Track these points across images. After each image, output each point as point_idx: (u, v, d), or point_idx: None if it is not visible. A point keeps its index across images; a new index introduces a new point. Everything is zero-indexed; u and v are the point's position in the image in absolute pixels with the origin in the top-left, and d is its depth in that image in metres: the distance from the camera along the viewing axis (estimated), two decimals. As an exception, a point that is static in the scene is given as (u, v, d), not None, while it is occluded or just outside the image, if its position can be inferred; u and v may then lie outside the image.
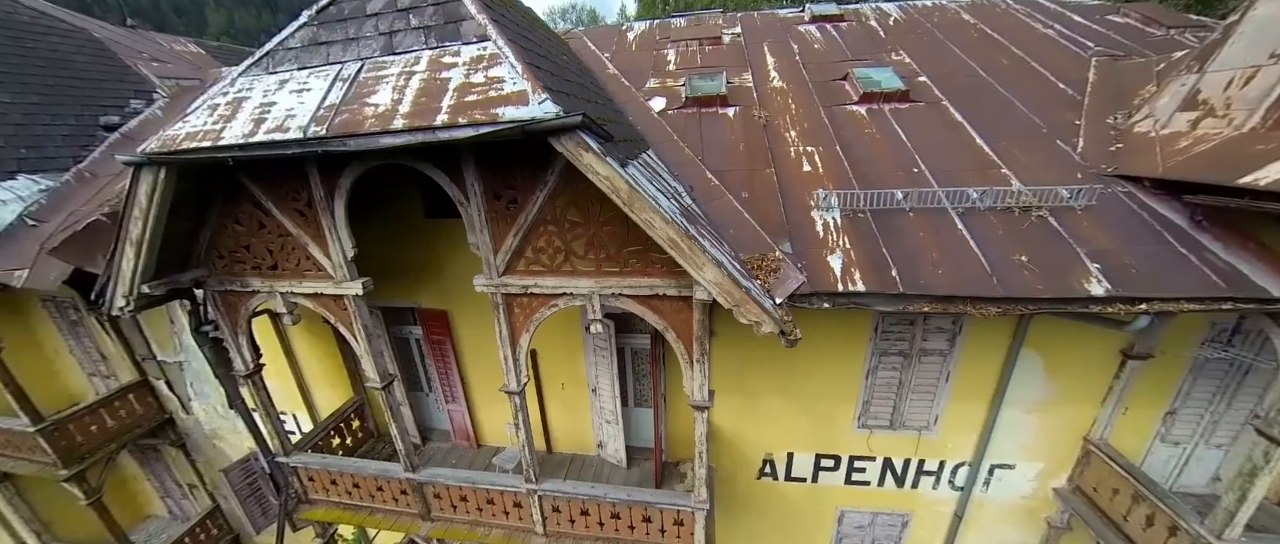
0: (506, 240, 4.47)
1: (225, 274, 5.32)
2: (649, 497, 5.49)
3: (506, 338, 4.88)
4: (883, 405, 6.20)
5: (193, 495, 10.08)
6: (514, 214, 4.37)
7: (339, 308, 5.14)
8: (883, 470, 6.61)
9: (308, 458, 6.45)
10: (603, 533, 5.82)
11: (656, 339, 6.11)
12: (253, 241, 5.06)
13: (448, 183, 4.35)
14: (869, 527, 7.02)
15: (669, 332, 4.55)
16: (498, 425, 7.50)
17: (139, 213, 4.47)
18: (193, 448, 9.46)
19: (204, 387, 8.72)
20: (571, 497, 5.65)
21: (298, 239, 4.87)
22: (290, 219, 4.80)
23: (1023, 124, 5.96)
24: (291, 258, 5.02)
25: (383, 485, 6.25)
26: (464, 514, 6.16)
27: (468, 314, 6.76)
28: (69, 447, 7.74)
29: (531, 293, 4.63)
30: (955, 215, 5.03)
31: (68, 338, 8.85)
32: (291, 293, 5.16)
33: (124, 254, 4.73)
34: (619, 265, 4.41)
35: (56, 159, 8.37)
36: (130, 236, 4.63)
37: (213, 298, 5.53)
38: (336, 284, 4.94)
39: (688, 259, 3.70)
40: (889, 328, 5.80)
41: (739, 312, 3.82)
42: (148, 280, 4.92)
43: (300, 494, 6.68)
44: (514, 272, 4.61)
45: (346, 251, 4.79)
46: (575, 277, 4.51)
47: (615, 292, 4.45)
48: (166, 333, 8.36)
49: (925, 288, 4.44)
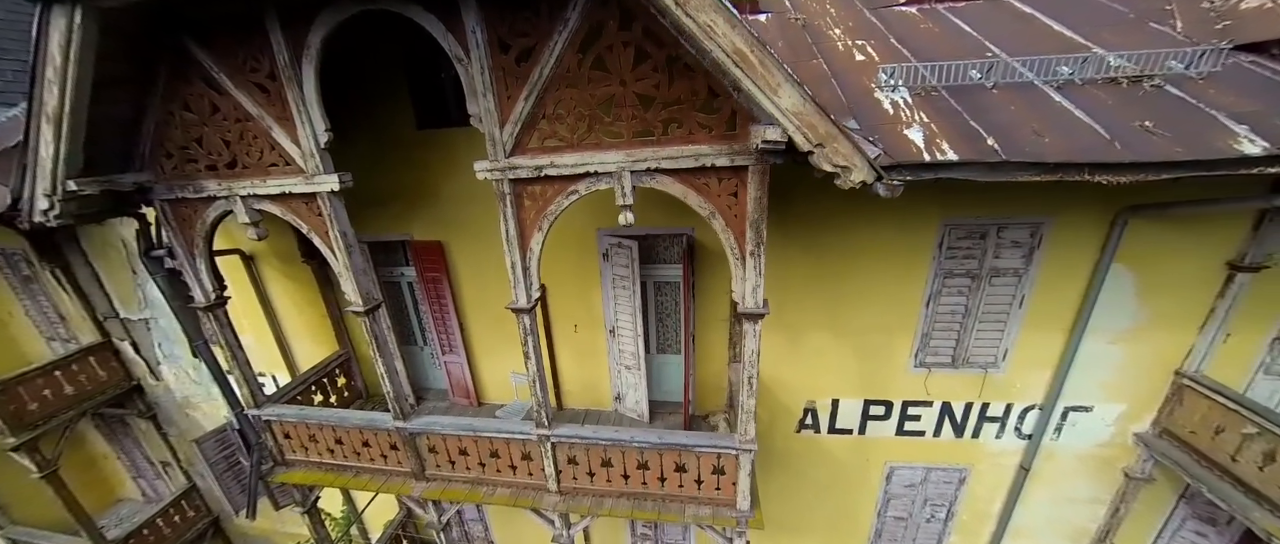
0: (516, 107, 3.50)
1: (175, 178, 4.30)
2: (686, 439, 4.51)
3: (515, 238, 3.89)
4: (944, 338, 5.25)
5: (167, 474, 8.95)
6: (525, 71, 3.40)
7: (311, 211, 4.14)
8: (940, 417, 5.65)
9: (282, 409, 5.41)
10: (627, 487, 4.83)
11: (687, 264, 5.13)
12: (205, 132, 4.06)
13: (442, 32, 3.39)
14: (920, 484, 6.06)
15: (716, 218, 3.60)
16: (502, 380, 6.47)
17: (53, 74, 3.46)
18: (164, 419, 8.35)
19: (174, 347, 7.64)
20: (592, 443, 4.66)
21: (259, 123, 3.88)
22: (249, 96, 3.80)
23: (1102, 11, 5.07)
24: (253, 149, 4.02)
25: (369, 439, 5.23)
26: (463, 471, 5.15)
27: (466, 244, 5.75)
28: (18, 412, 6.64)
29: (546, 175, 3.65)
30: (1049, 89, 4.10)
31: (21, 297, 7.74)
32: (254, 195, 4.15)
33: (40, 135, 3.71)
34: (656, 131, 3.44)
35: (4, 94, 7.30)
36: (46, 110, 3.61)
37: (162, 210, 4.50)
38: (308, 179, 3.94)
39: (759, 78, 2.75)
40: (956, 242, 4.86)
41: (823, 154, 2.86)
42: (74, 174, 3.89)
43: (276, 454, 5.63)
44: (525, 149, 3.63)
45: (319, 136, 3.80)
46: (600, 150, 3.54)
47: (651, 165, 3.49)
48: (129, 286, 7.29)
49: (1032, 155, 3.48)
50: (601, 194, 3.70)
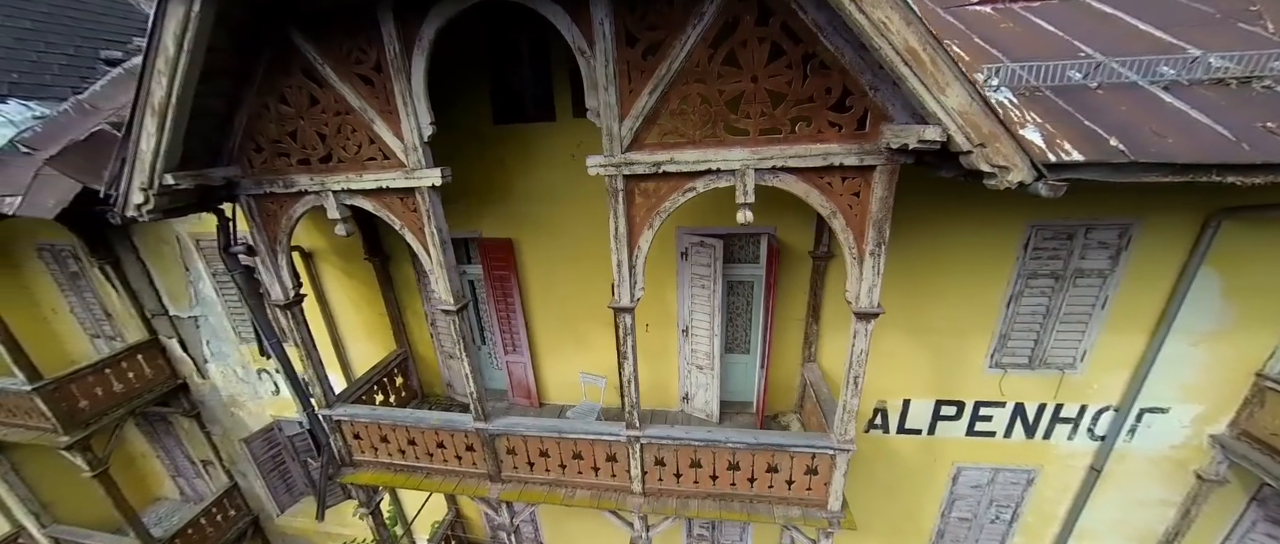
0: (639, 101, 3.36)
1: (264, 172, 4.13)
2: (783, 439, 4.38)
3: (624, 236, 3.76)
4: (1023, 339, 5.15)
5: (207, 473, 8.73)
6: (652, 65, 3.26)
7: (407, 207, 3.98)
8: (1012, 418, 5.55)
9: (355, 409, 5.23)
10: (715, 488, 4.70)
11: (772, 264, 5.00)
12: (301, 125, 3.89)
13: (567, 24, 3.25)
14: (988, 485, 5.96)
15: (836, 217, 3.47)
16: (564, 381, 6.32)
17: (165, 64, 3.28)
18: (208, 418, 8.13)
19: (222, 345, 7.44)
20: (683, 444, 4.52)
21: (361, 116, 3.72)
22: (353, 88, 3.64)
23: (1184, 10, 4.98)
24: (351, 143, 3.86)
25: (445, 441, 5.06)
26: (542, 473, 4.99)
27: (537, 243, 5.60)
28: (70, 410, 6.43)
29: (664, 172, 3.51)
30: (1156, 90, 4.00)
31: (67, 293, 7.52)
32: (348, 190, 3.99)
33: (143, 126, 3.53)
34: (783, 129, 3.31)
35: (53, 88, 7.13)
36: (152, 101, 3.43)
37: (247, 206, 4.32)
38: (408, 174, 3.78)
39: (928, 76, 2.61)
40: (1042, 243, 4.76)
41: (983, 154, 2.74)
42: (172, 168, 3.73)
43: (344, 455, 5.45)
44: (642, 145, 3.49)
45: (423, 129, 3.65)
46: (723, 147, 3.40)
47: (777, 164, 3.35)
48: (181, 283, 7.08)
49: (1159, 156, 3.38)
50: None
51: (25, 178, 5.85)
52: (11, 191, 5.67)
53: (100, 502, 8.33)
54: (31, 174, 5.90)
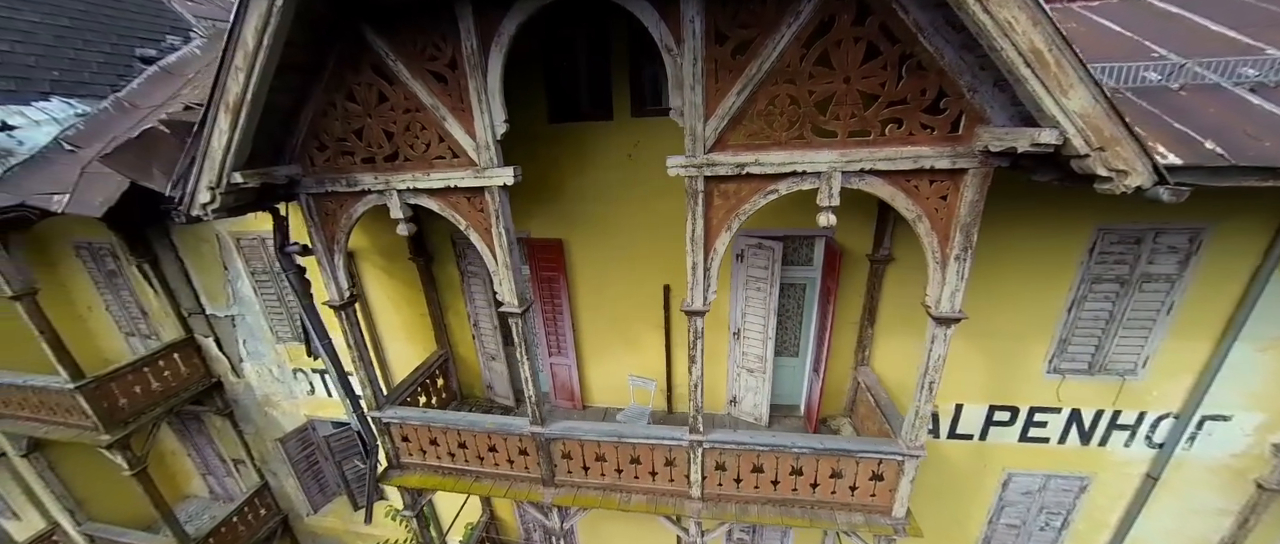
0: (725, 101, 3.25)
1: (326, 171, 4.04)
2: (850, 444, 4.29)
3: (701, 239, 3.65)
4: (1083, 344, 5.03)
5: (238, 472, 8.65)
6: (741, 64, 3.16)
7: (474, 206, 3.88)
8: (1067, 425, 5.43)
9: (406, 412, 5.14)
10: (775, 493, 4.59)
11: (833, 267, 4.90)
12: (367, 123, 3.79)
13: (655, 21, 3.15)
14: (1038, 492, 5.84)
15: (921, 221, 3.37)
16: (608, 383, 6.22)
17: (243, 60, 3.19)
18: (241, 416, 8.05)
19: (258, 344, 7.35)
20: (746, 449, 4.43)
21: (431, 113, 3.62)
22: (424, 85, 3.54)
23: (1251, 10, 4.87)
24: (419, 141, 3.76)
25: (497, 444, 4.96)
26: (598, 477, 4.89)
27: (588, 243, 5.50)
28: (111, 409, 6.35)
29: (747, 174, 3.41)
30: (1242, 92, 3.89)
31: (104, 291, 7.45)
32: (413, 189, 3.89)
33: (216, 124, 3.44)
34: (873, 131, 3.20)
35: (92, 85, 7.05)
36: (227, 98, 3.34)
37: (306, 205, 4.23)
38: (478, 173, 3.68)
39: (1051, 78, 2.50)
40: (1109, 247, 4.64)
41: (1102, 157, 2.62)
42: (240, 166, 3.64)
43: (391, 457, 5.36)
44: (726, 146, 3.39)
45: (497, 127, 3.55)
46: (810, 149, 3.29)
47: (865, 166, 3.25)
48: (219, 282, 7.00)
49: (1258, 158, 3.27)
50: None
51: (71, 176, 5.77)
52: (59, 189, 5.59)
53: (132, 499, 8.28)
54: (77, 172, 5.83)
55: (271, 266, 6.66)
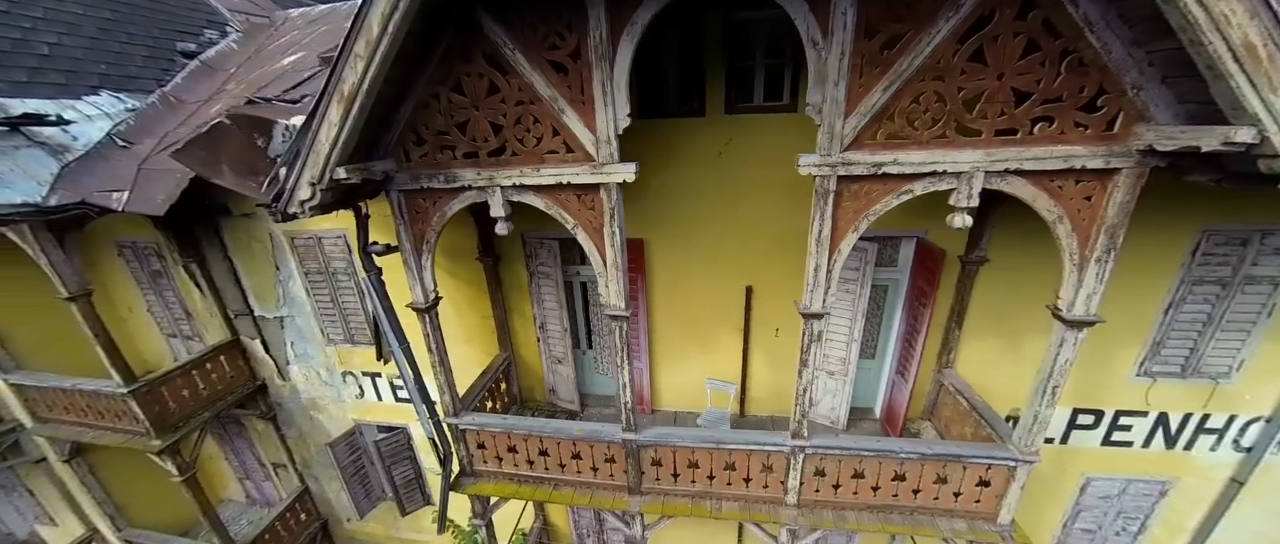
0: (868, 98, 3.11)
1: (422, 167, 3.87)
2: (959, 450, 4.17)
3: (826, 240, 3.51)
4: (1178, 347, 4.93)
5: (277, 476, 8.43)
6: (890, 59, 3.02)
7: (584, 205, 3.72)
8: (1153, 428, 5.33)
9: (485, 418, 4.97)
10: (875, 500, 4.46)
11: (928, 268, 4.77)
12: (474, 115, 3.62)
13: (804, 14, 3.00)
14: (1117, 497, 5.74)
15: (1062, 222, 3.25)
16: (680, 387, 6.07)
17: (365, 47, 3.02)
18: (284, 420, 7.84)
19: (307, 346, 7.15)
20: (849, 454, 4.28)
21: (547, 106, 3.45)
22: (544, 76, 3.37)
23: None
24: (530, 135, 3.59)
25: (583, 452, 4.79)
26: (687, 484, 4.74)
27: (669, 243, 5.34)
28: (161, 413, 6.13)
29: (883, 173, 3.27)
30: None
31: (147, 292, 7.23)
32: (519, 186, 3.72)
33: (326, 116, 3.27)
34: (1021, 130, 3.07)
35: (138, 79, 6.83)
36: (342, 88, 3.17)
37: (396, 202, 4.05)
38: (595, 169, 3.52)
39: (1260, 74, 2.35)
40: (1213, 249, 4.54)
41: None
42: (344, 161, 3.46)
43: (465, 465, 5.18)
44: (863, 144, 3.24)
45: (620, 121, 3.39)
46: (952, 148, 3.16)
47: (1010, 166, 3.11)
48: (269, 282, 6.79)
49: None
50: (796, 194, 3.43)
51: (128, 172, 5.57)
52: (117, 186, 5.38)
53: (169, 504, 8.09)
54: (133, 168, 5.62)
55: (326, 266, 6.47)
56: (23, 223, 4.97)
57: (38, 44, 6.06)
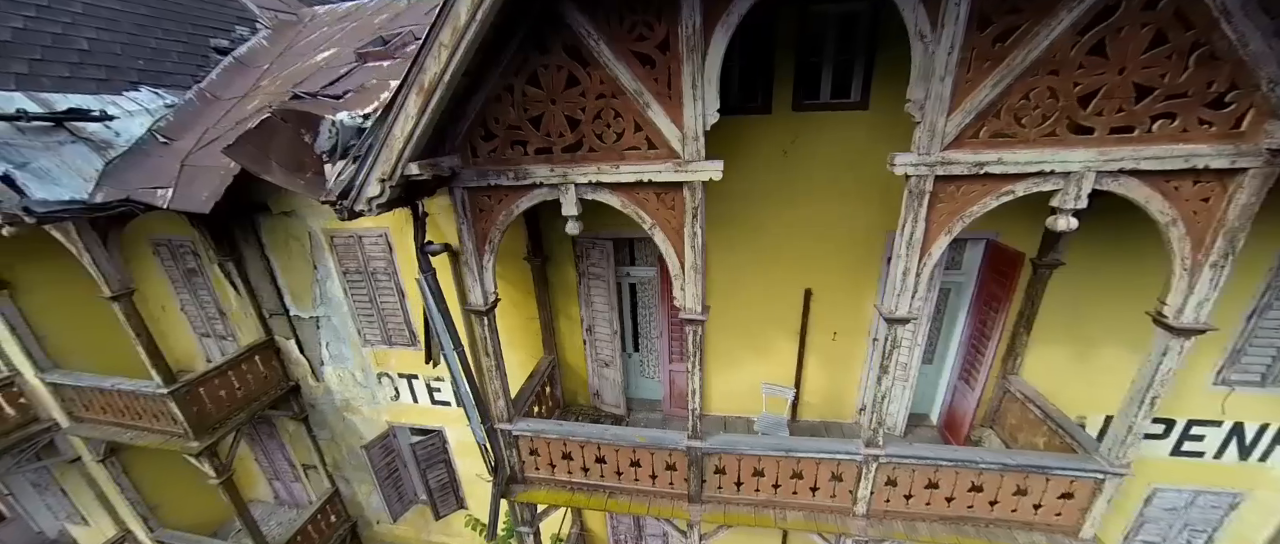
0: (976, 94, 2.96)
1: (490, 163, 3.72)
2: (1042, 461, 3.99)
3: (917, 242, 3.35)
4: (1260, 355, 4.75)
5: (306, 478, 8.31)
6: (1001, 53, 2.87)
7: (664, 204, 3.57)
8: (1227, 439, 5.15)
9: (540, 424, 4.83)
10: (948, 511, 4.30)
11: (1004, 271, 4.61)
12: (550, 109, 3.48)
13: (912, 4, 2.83)
14: (1184, 509, 5.56)
15: (1176, 225, 3.10)
16: (729, 391, 5.91)
17: (451, 36, 2.89)
18: (317, 422, 7.72)
19: (342, 347, 7.02)
20: (925, 464, 4.12)
21: (631, 100, 3.30)
22: (629, 68, 3.23)
23: None
24: (610, 131, 3.45)
25: (642, 459, 4.65)
26: (750, 493, 4.58)
27: (726, 244, 5.18)
28: (200, 414, 6.01)
29: (984, 173, 3.11)
30: None
31: (181, 290, 7.12)
32: (596, 183, 3.58)
33: (404, 109, 3.14)
34: (1138, 127, 2.91)
35: (174, 76, 6.74)
36: (422, 79, 3.04)
37: (459, 200, 3.91)
38: (680, 166, 3.37)
39: None
40: (1302, 255, 4.36)
41: None
42: (417, 156, 3.32)
43: (516, 472, 5.04)
44: (965, 142, 3.09)
45: (708, 117, 3.24)
46: (1062, 147, 3.00)
47: (1124, 166, 2.96)
48: (306, 281, 6.67)
49: None
50: (900, 193, 3.29)
51: (170, 168, 5.45)
52: (161, 183, 5.26)
53: (199, 505, 7.99)
54: (175, 165, 5.50)
55: (365, 266, 6.34)
56: (68, 220, 4.84)
57: (77, 39, 5.96)
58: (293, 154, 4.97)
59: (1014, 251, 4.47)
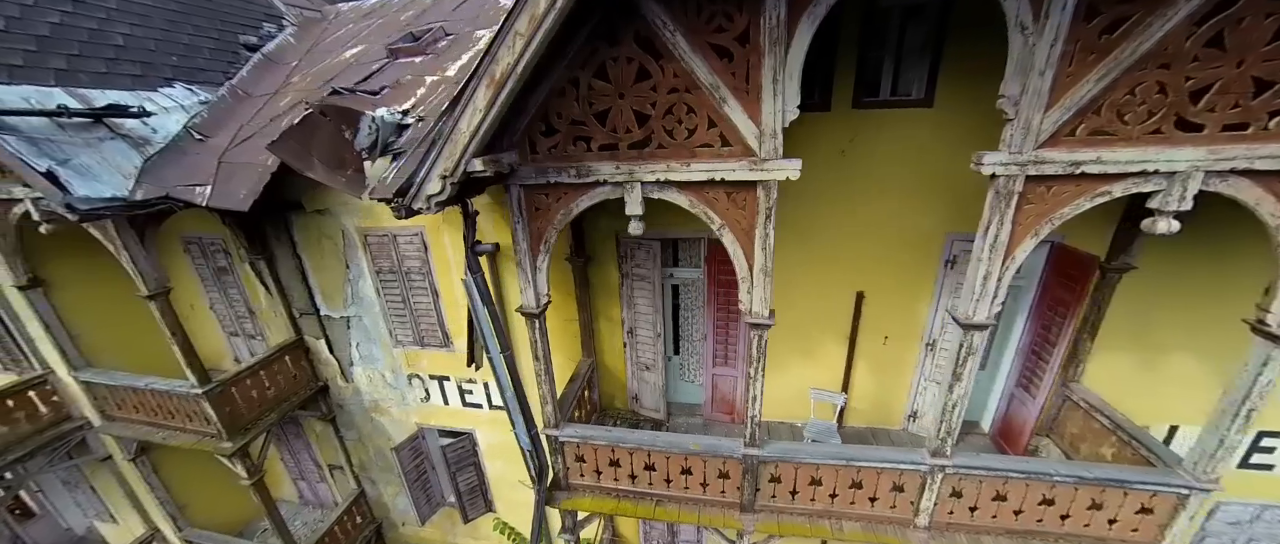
0: (1078, 89, 2.80)
1: (550, 160, 3.59)
2: (1122, 474, 3.81)
3: (1001, 245, 3.20)
4: (1336, 365, 4.54)
5: (332, 478, 8.21)
6: (1108, 46, 2.71)
7: (734, 204, 3.44)
8: (1297, 451, 4.96)
9: (591, 430, 4.70)
10: (1015, 524, 4.13)
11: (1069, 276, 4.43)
12: (617, 104, 3.34)
13: (1017, -9, 2.68)
14: (1248, 523, 5.37)
15: (1286, 229, 2.90)
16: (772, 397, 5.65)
17: (528, 24, 2.78)
18: (344, 422, 7.61)
19: (372, 348, 6.91)
20: (995, 475, 3.96)
21: (706, 94, 3.16)
22: (706, 61, 3.08)
23: None
24: (682, 127, 3.31)
25: (694, 467, 4.50)
26: (806, 502, 4.43)
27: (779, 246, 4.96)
28: (233, 414, 5.91)
29: (1080, 173, 2.96)
30: None
31: (210, 288, 7.03)
32: (663, 181, 3.43)
33: (472, 102, 3.01)
34: (1253, 124, 2.74)
35: (207, 72, 6.64)
36: (494, 70, 2.92)
37: (514, 198, 3.77)
38: (756, 165, 3.23)
39: None
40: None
41: None
42: (481, 152, 3.19)
43: (560, 478, 4.90)
44: (1060, 141, 2.94)
45: (788, 114, 3.11)
46: (1168, 145, 2.84)
47: (1237, 165, 2.79)
48: (338, 281, 6.56)
49: None
50: (966, 193, 3.07)
51: (207, 166, 5.36)
52: (198, 181, 5.16)
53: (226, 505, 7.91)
54: (211, 162, 5.41)
55: (399, 266, 6.23)
56: (107, 218, 4.74)
57: (112, 35, 5.88)
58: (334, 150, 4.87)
59: (1085, 255, 4.30)
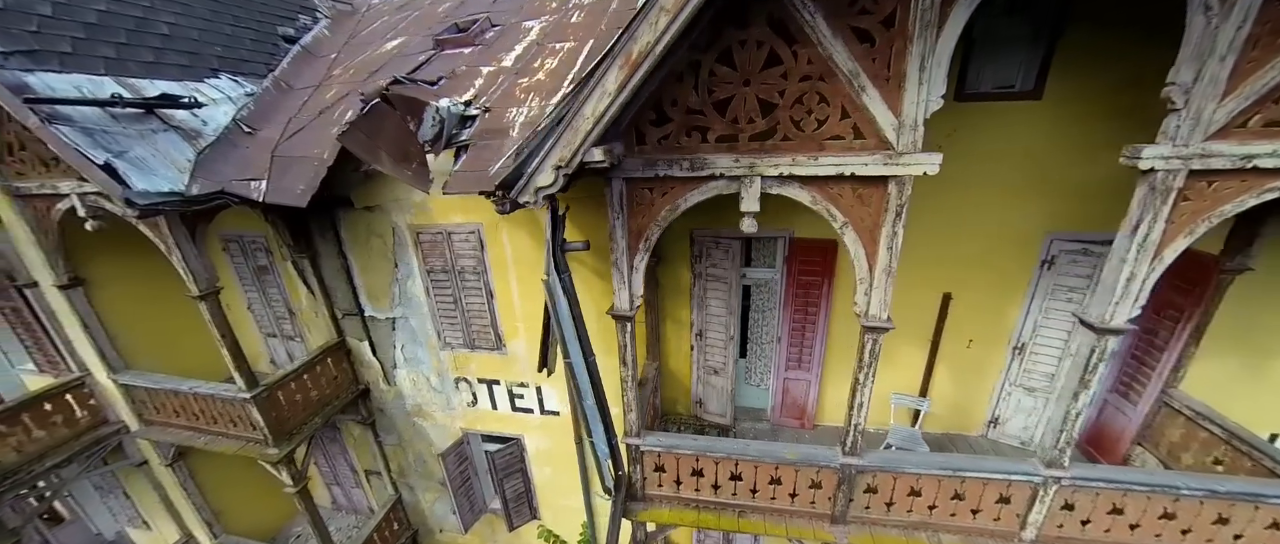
0: (1260, 76, 2.62)
1: (660, 151, 3.36)
2: (1258, 488, 3.60)
3: (1152, 245, 3.02)
4: None
5: (369, 484, 7.93)
6: (1298, 25, 2.50)
7: (860, 200, 3.22)
8: (1395, 459, 4.77)
9: (675, 439, 4.48)
10: (1130, 538, 3.93)
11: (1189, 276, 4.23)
12: (740, 92, 3.12)
13: (1194, -31, 2.48)
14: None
15: None
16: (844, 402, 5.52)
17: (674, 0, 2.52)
18: (384, 427, 7.34)
19: (418, 350, 6.65)
20: (1115, 487, 3.75)
21: (843, 82, 2.95)
22: (846, 46, 2.86)
23: None
24: (812, 117, 3.09)
25: (784, 477, 4.27)
26: (902, 514, 4.21)
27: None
28: (279, 419, 5.64)
29: (1251, 167, 2.75)
30: None
31: (249, 288, 6.76)
32: (787, 176, 3.21)
33: (602, 85, 2.79)
34: None
35: (250, 63, 6.38)
36: (630, 50, 2.72)
37: (615, 192, 3.54)
38: (891, 158, 3.02)
39: None
40: None
41: None
42: (601, 141, 2.96)
43: (636, 488, 4.66)
44: (1231, 132, 2.73)
45: (931, 104, 2.89)
46: (1351, 135, 2.64)
47: None
48: (385, 281, 6.30)
49: None
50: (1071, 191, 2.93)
51: (261, 160, 5.12)
52: (253, 175, 4.91)
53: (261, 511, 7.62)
54: (264, 155, 5.15)
55: (452, 264, 5.97)
56: (161, 214, 4.47)
57: (158, 24, 5.63)
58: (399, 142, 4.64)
59: (1206, 256, 4.10)
